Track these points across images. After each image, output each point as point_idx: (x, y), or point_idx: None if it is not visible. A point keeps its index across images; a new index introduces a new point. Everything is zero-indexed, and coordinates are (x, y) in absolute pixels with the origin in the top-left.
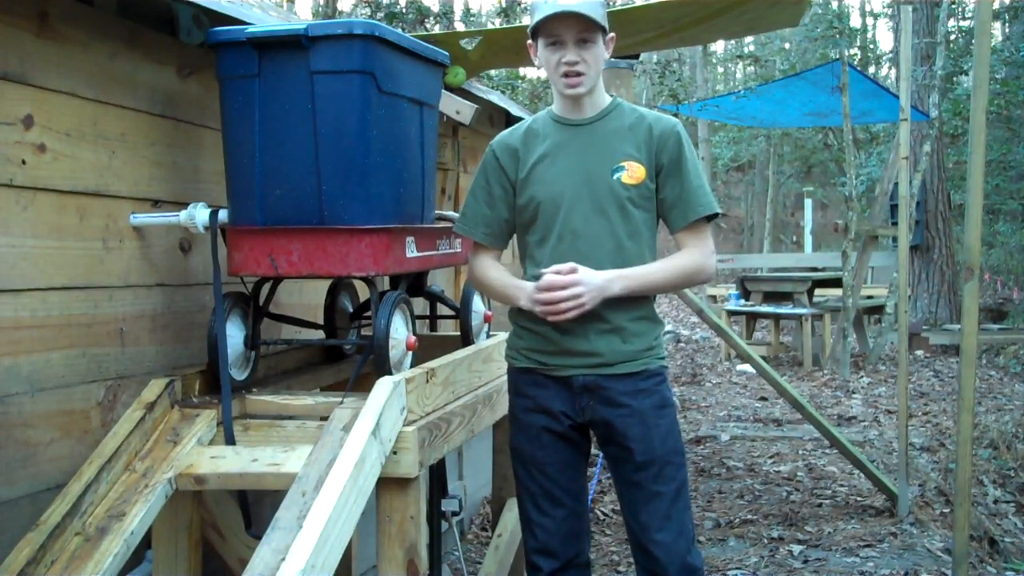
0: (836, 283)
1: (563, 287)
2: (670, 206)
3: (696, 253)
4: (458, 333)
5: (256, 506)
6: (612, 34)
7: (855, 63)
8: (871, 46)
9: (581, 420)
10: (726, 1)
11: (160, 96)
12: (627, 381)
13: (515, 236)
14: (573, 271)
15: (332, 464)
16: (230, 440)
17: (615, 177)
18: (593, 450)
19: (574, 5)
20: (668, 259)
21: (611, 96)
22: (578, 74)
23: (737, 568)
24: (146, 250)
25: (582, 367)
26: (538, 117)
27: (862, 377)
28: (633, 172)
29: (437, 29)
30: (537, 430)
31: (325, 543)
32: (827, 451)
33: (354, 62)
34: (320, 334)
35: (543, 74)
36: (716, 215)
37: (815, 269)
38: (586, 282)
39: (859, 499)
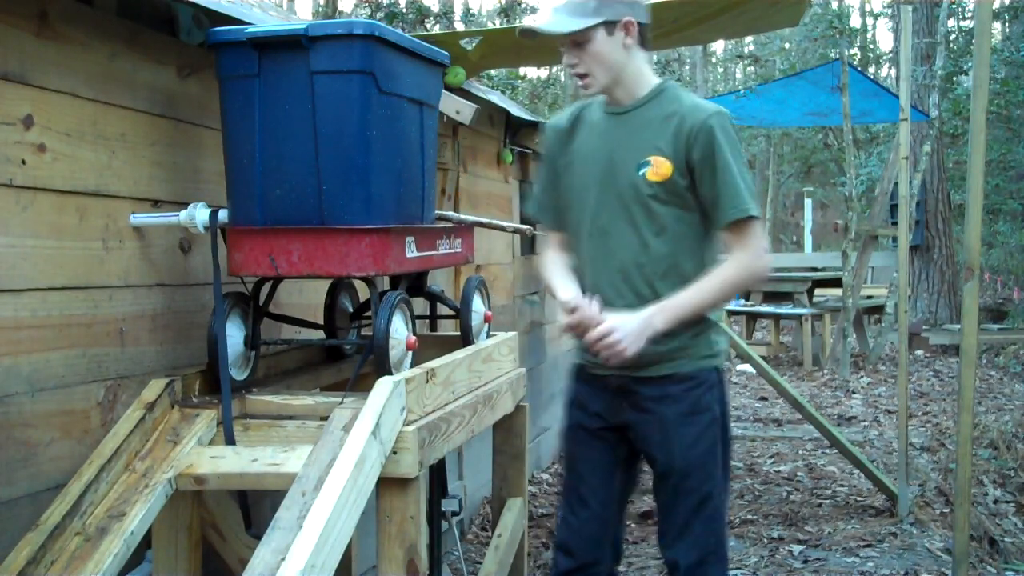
0: (836, 283)
1: (599, 337)
2: (710, 206)
3: (742, 258)
4: (458, 333)
5: (256, 506)
6: (626, 18)
7: (855, 63)
8: (871, 46)
9: (614, 422)
10: (726, 1)
11: (160, 96)
12: (655, 385)
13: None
14: (600, 322)
15: (332, 464)
16: (230, 440)
17: (640, 173)
18: None
19: (541, 23)
20: (711, 275)
21: (661, 79)
22: (582, 75)
23: (737, 568)
24: (146, 250)
25: (613, 368)
26: (595, 99)
27: (862, 377)
28: (658, 168)
29: (437, 29)
30: (573, 425)
31: (325, 543)
32: (827, 451)
33: (354, 62)
34: (320, 334)
35: (543, 74)
36: (751, 218)
37: (815, 269)
38: (622, 328)
39: (859, 499)
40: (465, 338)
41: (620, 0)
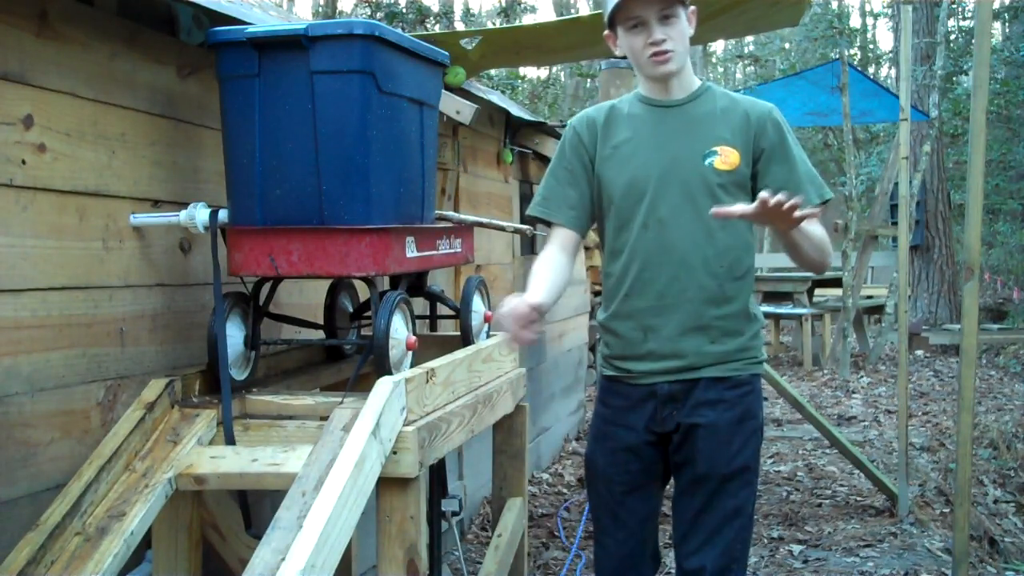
0: (836, 283)
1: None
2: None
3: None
4: (458, 333)
5: (256, 506)
6: (693, 7)
7: (855, 63)
8: (871, 46)
9: (662, 430)
10: (726, 1)
11: (160, 96)
12: (711, 388)
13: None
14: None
15: (332, 464)
16: (230, 440)
17: (707, 162)
18: None
19: None
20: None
21: (701, 79)
22: (666, 51)
23: None
24: (146, 250)
25: (666, 373)
26: (624, 98)
27: (862, 377)
28: (727, 157)
29: (437, 29)
30: (613, 445)
31: (325, 543)
32: (827, 451)
33: (354, 62)
34: (320, 334)
35: (543, 74)
36: (827, 201)
37: None
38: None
39: (859, 499)
40: (465, 338)
41: None
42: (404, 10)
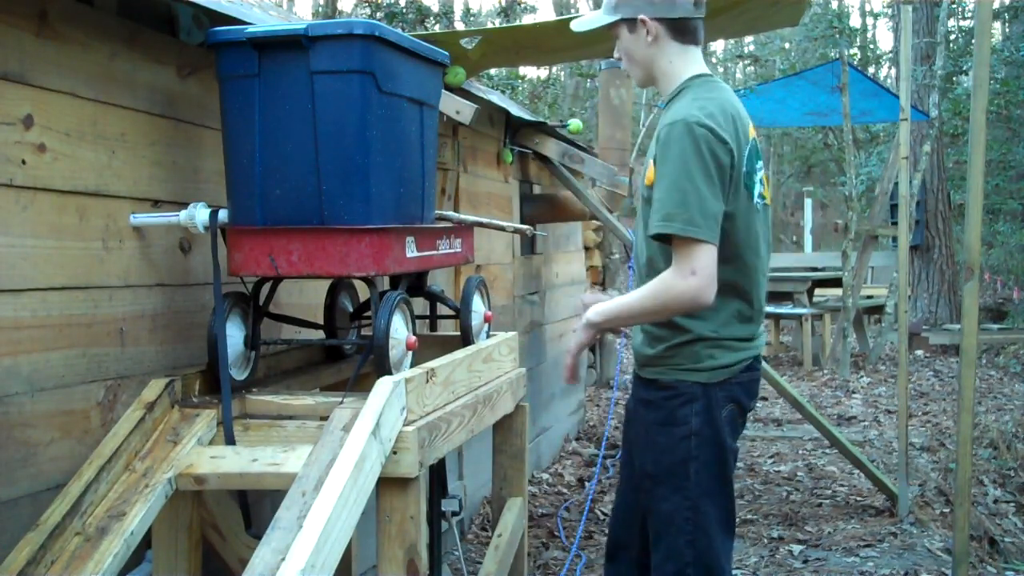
0: (836, 283)
1: None
2: None
3: (664, 277)
4: (458, 333)
5: (256, 506)
6: (640, 16)
7: (855, 63)
8: (871, 46)
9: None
10: (726, 1)
11: (160, 96)
12: (643, 388)
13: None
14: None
15: (332, 464)
16: (230, 440)
17: (644, 175)
18: (592, 449)
19: (575, 22)
20: (643, 286)
21: (689, 78)
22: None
23: (737, 568)
24: (146, 250)
25: (635, 362)
26: None
27: (862, 377)
28: (648, 171)
29: (437, 29)
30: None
31: (325, 543)
32: (827, 451)
33: (354, 62)
34: (320, 334)
35: (543, 74)
36: (675, 236)
37: (815, 269)
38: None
39: (859, 499)
40: (465, 338)
41: None
42: (404, 10)
